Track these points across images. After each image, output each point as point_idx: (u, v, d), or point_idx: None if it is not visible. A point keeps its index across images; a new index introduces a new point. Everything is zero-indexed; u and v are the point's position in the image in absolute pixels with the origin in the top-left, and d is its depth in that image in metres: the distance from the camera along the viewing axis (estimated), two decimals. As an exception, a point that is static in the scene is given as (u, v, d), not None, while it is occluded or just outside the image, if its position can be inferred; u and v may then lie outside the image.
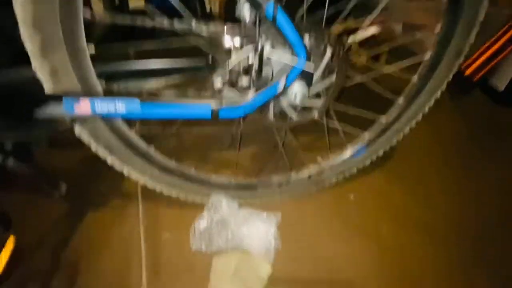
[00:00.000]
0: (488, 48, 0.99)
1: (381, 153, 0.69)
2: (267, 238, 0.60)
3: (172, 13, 0.43)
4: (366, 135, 0.66)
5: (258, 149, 0.83)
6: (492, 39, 0.97)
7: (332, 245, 0.64)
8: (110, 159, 0.52)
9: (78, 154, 0.81)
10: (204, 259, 0.58)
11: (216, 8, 1.42)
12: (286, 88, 0.41)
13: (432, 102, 0.61)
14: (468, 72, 1.03)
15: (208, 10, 1.32)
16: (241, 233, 0.59)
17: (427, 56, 0.56)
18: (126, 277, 0.58)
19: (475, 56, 1.01)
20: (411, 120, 0.64)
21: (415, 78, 0.59)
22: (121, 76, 0.49)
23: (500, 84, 1.02)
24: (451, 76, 0.58)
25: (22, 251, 0.58)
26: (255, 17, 0.38)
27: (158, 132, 0.69)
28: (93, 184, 0.74)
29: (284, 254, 0.61)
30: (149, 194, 0.71)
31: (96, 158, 0.82)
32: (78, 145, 0.86)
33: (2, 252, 0.42)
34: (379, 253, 0.64)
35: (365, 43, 0.69)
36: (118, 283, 0.57)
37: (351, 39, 0.64)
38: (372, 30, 0.59)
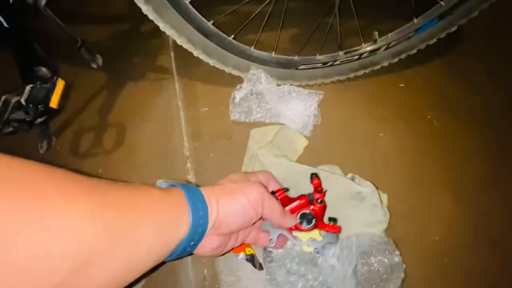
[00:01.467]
0: None
1: (454, 28, 0.57)
2: (307, 113, 0.57)
3: None
4: (443, 2, 0.53)
5: (302, 28, 0.73)
6: None
7: (372, 127, 0.61)
8: (144, 7, 0.47)
9: (110, 28, 0.77)
10: (242, 128, 0.59)
11: None
12: None
13: None
14: None
15: None
16: (281, 106, 0.57)
17: None
18: (169, 140, 0.61)
19: None
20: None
21: None
22: None
23: None
24: None
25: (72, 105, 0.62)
26: None
27: None
28: (129, 58, 0.72)
29: (322, 132, 0.60)
30: (184, 70, 0.69)
31: (128, 32, 0.78)
32: (109, 20, 0.81)
33: (55, 90, 0.44)
34: (427, 144, 0.60)
35: None
36: (162, 144, 0.60)
37: None
38: None
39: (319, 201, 0.40)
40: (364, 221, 0.43)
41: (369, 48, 0.60)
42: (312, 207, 0.41)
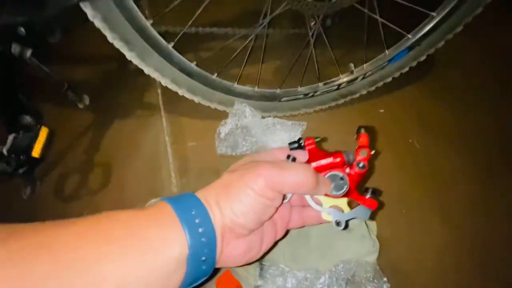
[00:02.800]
0: None
1: (423, 58, 0.61)
2: (293, 144, 0.58)
3: None
4: (411, 35, 0.57)
5: (282, 60, 0.77)
6: None
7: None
8: (129, 54, 0.48)
9: (97, 68, 0.79)
10: (229, 162, 0.59)
11: None
12: None
13: (480, 9, 0.50)
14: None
15: None
16: (266, 138, 0.58)
17: None
18: (157, 177, 0.60)
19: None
20: (468, 14, 0.54)
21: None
22: None
23: None
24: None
25: (58, 150, 0.61)
26: None
27: (175, 32, 0.64)
28: (115, 96, 0.73)
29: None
30: (171, 105, 0.71)
31: (115, 71, 0.80)
32: (96, 60, 0.83)
33: (38, 139, 0.44)
34: (411, 167, 0.62)
35: None
36: (150, 181, 0.60)
37: None
38: None
39: (360, 165, 0.30)
40: (355, 252, 0.43)
41: (346, 79, 0.63)
42: (348, 170, 0.31)
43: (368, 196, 0.32)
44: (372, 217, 0.52)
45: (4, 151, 0.42)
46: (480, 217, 0.56)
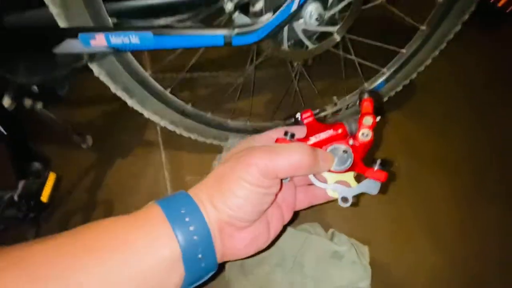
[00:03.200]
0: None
1: (400, 88, 0.66)
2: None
3: None
4: (385, 69, 0.63)
5: (271, 95, 0.82)
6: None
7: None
8: (130, 101, 0.53)
9: (99, 109, 0.84)
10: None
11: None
12: (300, 6, 0.39)
13: (459, 26, 0.57)
14: (501, 3, 0.94)
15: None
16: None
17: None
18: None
19: (509, -16, 0.91)
20: (434, 49, 0.60)
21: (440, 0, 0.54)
22: (131, 13, 0.48)
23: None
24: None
25: (63, 190, 0.64)
26: None
27: (172, 78, 0.70)
28: (117, 135, 0.78)
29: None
30: (170, 142, 0.75)
31: (116, 112, 0.85)
32: (98, 101, 0.89)
33: (46, 184, 0.47)
34: (399, 192, 0.65)
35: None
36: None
37: None
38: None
39: (365, 134, 0.28)
40: (347, 279, 0.44)
41: (331, 110, 0.68)
42: (351, 141, 0.29)
43: (376, 168, 0.28)
44: (383, 190, 0.48)
45: (15, 197, 0.45)
46: (470, 240, 0.58)
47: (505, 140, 0.72)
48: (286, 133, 0.30)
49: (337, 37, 0.50)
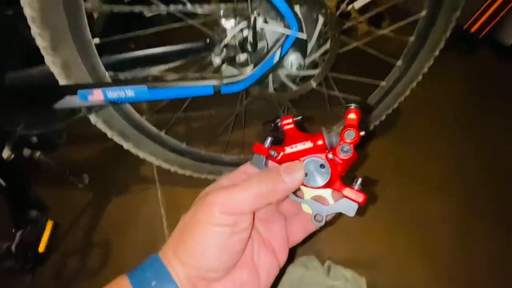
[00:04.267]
0: (492, 2, 0.95)
1: (383, 117, 0.70)
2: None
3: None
4: (368, 100, 0.67)
5: (264, 129, 0.85)
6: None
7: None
8: (126, 145, 0.56)
9: (95, 147, 0.86)
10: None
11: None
12: (281, 58, 0.43)
13: (432, 61, 0.61)
14: (473, 29, 1.01)
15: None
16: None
17: (423, 13, 0.55)
18: (154, 249, 0.63)
19: (479, 12, 0.98)
20: (411, 81, 0.64)
21: (412, 38, 0.59)
22: (126, 65, 0.52)
23: (507, 39, 0.99)
24: (449, 32, 0.58)
25: (59, 234, 0.64)
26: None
27: (167, 119, 0.73)
28: (113, 172, 0.79)
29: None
30: (166, 178, 0.76)
31: (111, 149, 0.87)
32: (94, 139, 0.90)
33: (44, 234, 0.48)
34: (386, 210, 0.66)
35: (366, 9, 0.69)
36: (147, 255, 0.62)
37: (351, 7, 0.63)
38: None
39: (345, 149, 0.25)
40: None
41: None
42: (330, 155, 0.26)
43: (356, 187, 0.26)
44: (360, 213, 0.43)
45: (13, 248, 0.45)
46: (461, 261, 0.59)
47: (494, 156, 0.75)
48: (265, 139, 0.28)
49: (314, 84, 0.53)
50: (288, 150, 0.27)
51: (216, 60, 0.43)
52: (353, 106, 0.27)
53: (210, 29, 0.46)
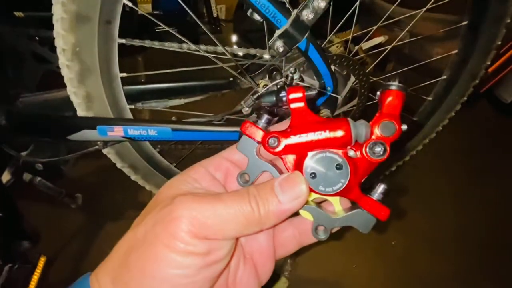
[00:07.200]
0: (496, 60, 1.00)
1: (394, 168, 0.70)
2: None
3: (179, 17, 0.43)
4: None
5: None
6: (499, 52, 0.99)
7: (341, 258, 0.66)
8: (134, 177, 0.53)
9: (91, 165, 0.82)
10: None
11: (222, 14, 1.44)
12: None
13: (446, 120, 0.62)
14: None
15: (215, 15, 1.33)
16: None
17: (444, 76, 0.57)
18: None
19: (482, 68, 1.03)
20: (424, 138, 0.65)
21: (430, 98, 0.60)
22: (147, 96, 0.50)
23: (507, 96, 1.03)
24: (466, 96, 0.59)
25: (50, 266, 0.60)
26: (284, 49, 0.39)
27: (178, 151, 0.70)
28: (109, 195, 0.75)
29: (302, 269, 0.63)
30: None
31: (108, 168, 0.83)
32: (90, 157, 0.86)
33: (35, 272, 0.44)
34: (397, 272, 0.65)
35: (372, 51, 0.70)
36: None
37: (358, 47, 0.64)
38: (379, 39, 0.60)
39: (377, 149, 0.19)
40: None
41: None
42: (352, 152, 0.19)
43: (375, 197, 0.19)
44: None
45: (-2, 286, 0.41)
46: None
47: (498, 211, 0.76)
48: (259, 116, 0.20)
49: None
50: (295, 139, 0.19)
51: (246, 109, 0.42)
52: (394, 86, 0.19)
53: (242, 75, 0.46)
